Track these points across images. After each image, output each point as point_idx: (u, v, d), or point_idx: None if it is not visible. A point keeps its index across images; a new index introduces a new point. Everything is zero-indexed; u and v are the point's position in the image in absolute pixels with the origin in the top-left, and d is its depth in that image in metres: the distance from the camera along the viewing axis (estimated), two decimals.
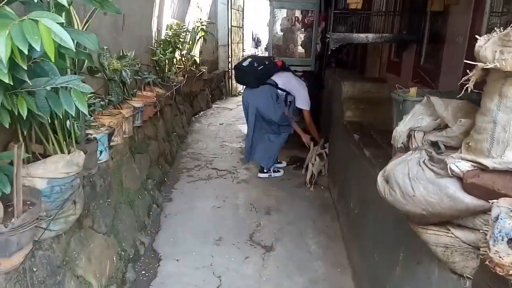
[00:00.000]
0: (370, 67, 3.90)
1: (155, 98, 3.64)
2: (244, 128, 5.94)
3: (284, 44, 4.85)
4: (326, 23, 4.62)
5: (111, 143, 2.65)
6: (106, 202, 2.33)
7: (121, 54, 3.15)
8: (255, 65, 3.69)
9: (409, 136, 1.24)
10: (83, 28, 2.01)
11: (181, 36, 5.03)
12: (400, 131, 1.22)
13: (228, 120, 6.53)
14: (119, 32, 3.31)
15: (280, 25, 4.75)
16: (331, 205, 3.21)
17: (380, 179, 1.21)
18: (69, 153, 1.61)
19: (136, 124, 3.26)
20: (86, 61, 2.19)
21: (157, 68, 4.49)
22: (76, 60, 1.93)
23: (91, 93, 2.78)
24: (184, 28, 5.36)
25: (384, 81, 2.95)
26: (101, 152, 2.33)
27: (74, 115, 1.43)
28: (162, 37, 4.82)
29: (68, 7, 1.51)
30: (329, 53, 4.64)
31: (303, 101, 3.83)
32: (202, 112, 7.06)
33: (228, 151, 4.80)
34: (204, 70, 6.62)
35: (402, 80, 2.75)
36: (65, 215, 1.59)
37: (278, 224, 2.91)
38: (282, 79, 3.73)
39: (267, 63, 3.72)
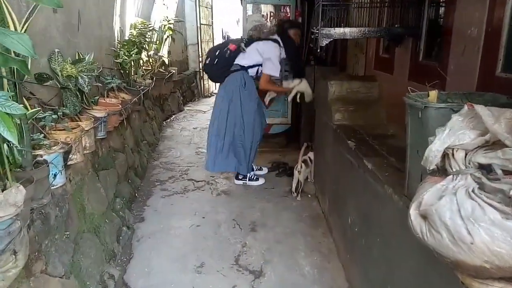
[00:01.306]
0: (352, 64, 3.67)
1: (120, 106, 3.26)
2: None
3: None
4: (302, 18, 4.36)
5: (69, 162, 2.27)
6: (63, 236, 1.95)
7: (76, 57, 2.75)
8: (209, 60, 3.45)
9: (444, 155, 0.98)
10: (22, 29, 1.63)
11: (147, 36, 4.63)
12: (435, 150, 0.95)
13: (202, 123, 6.17)
14: (74, 32, 2.91)
15: (254, 21, 4.44)
16: (321, 217, 2.95)
17: (414, 214, 0.93)
18: (3, 189, 1.24)
19: (99, 136, 2.88)
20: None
21: (121, 71, 4.08)
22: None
23: (44, 104, 2.40)
24: (150, 27, 4.96)
25: (374, 80, 2.71)
26: (55, 175, 1.95)
27: None
28: (126, 37, 4.41)
29: None
30: (307, 50, 4.41)
31: (267, 66, 3.38)
32: (173, 116, 6.66)
33: (204, 158, 4.45)
34: (174, 71, 6.24)
35: (395, 78, 2.52)
36: (2, 271, 1.23)
37: (266, 243, 2.61)
38: (247, 57, 3.39)
39: (219, 52, 3.41)
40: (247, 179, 3.63)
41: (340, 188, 2.45)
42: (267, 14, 4.45)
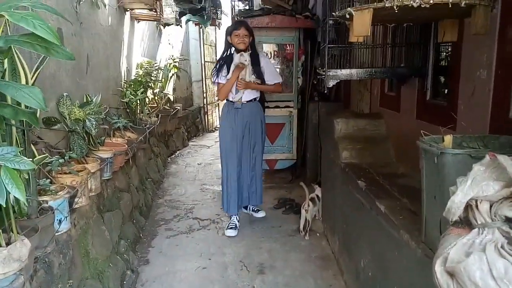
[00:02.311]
0: (356, 100, 3.69)
1: (126, 145, 3.26)
2: None
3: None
4: (306, 56, 4.44)
5: (74, 206, 2.24)
6: (67, 284, 1.88)
7: (84, 100, 2.78)
8: None
9: (467, 206, 0.94)
10: (33, 76, 1.65)
11: (152, 75, 4.71)
12: (458, 201, 0.92)
13: (206, 159, 6.16)
14: (83, 75, 2.96)
15: None
16: (331, 258, 2.86)
17: (439, 270, 0.89)
18: (8, 243, 1.20)
19: (104, 177, 2.85)
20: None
21: (128, 110, 4.12)
22: None
23: (51, 147, 2.40)
24: (156, 66, 5.06)
25: (380, 117, 2.70)
26: (60, 221, 1.91)
27: (4, 205, 1.03)
28: (132, 77, 4.49)
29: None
30: (311, 86, 4.46)
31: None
32: (178, 152, 6.67)
33: (209, 195, 4.41)
34: (179, 107, 6.30)
35: (402, 116, 2.52)
36: None
37: (275, 287, 2.52)
38: None
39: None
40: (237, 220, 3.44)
41: (351, 229, 2.38)
42: (270, 53, 4.53)
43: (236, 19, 4.40)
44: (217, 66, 3.30)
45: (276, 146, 4.54)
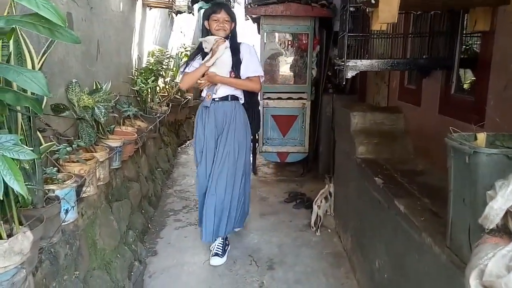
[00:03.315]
0: (372, 93, 3.56)
1: (136, 134, 3.21)
2: None
3: (276, 70, 4.50)
4: (321, 46, 4.32)
5: (82, 195, 2.19)
6: (73, 275, 1.84)
7: (94, 87, 2.73)
8: None
9: (506, 213, 0.85)
10: (40, 61, 1.58)
11: (164, 63, 4.64)
12: (497, 208, 0.83)
13: None
14: (93, 61, 2.89)
15: (271, 49, 4.41)
16: (343, 255, 2.78)
17: (474, 284, 0.80)
18: (10, 235, 1.15)
19: (113, 166, 2.81)
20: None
21: (138, 98, 4.06)
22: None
23: (59, 135, 2.35)
24: (167, 54, 4.98)
25: (399, 111, 2.59)
26: (66, 211, 1.86)
27: (1, 198, 0.96)
28: (144, 65, 4.42)
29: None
30: (325, 78, 4.34)
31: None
32: (188, 142, 6.60)
33: None
34: (190, 97, 6.23)
35: (423, 111, 2.40)
36: None
37: (285, 283, 2.45)
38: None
39: None
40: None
41: (365, 227, 2.30)
42: (284, 43, 4.42)
43: (249, 7, 4.27)
44: (190, 56, 2.76)
45: (288, 138, 4.45)
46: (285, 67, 4.52)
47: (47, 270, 1.62)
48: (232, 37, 2.64)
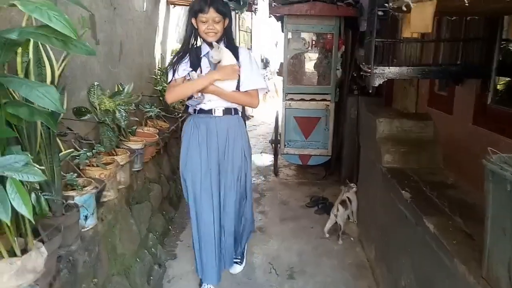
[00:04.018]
0: (400, 97, 3.40)
1: (157, 136, 3.20)
2: (259, 159, 5.46)
3: (300, 70, 4.41)
4: (346, 47, 4.19)
5: (102, 199, 2.19)
6: (91, 283, 1.84)
7: (116, 89, 2.72)
8: None
9: None
10: (60, 66, 1.57)
11: None
12: None
13: None
14: (115, 62, 2.89)
15: (294, 49, 4.31)
16: (366, 266, 2.68)
17: None
18: (25, 249, 1.13)
19: (135, 168, 2.80)
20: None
21: (161, 98, 4.05)
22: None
23: (80, 138, 2.36)
24: None
25: (428, 118, 2.46)
26: (86, 217, 1.86)
27: (9, 222, 0.93)
28: (167, 64, 4.41)
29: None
30: (350, 79, 4.21)
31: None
32: None
33: None
34: None
35: (455, 120, 2.26)
36: None
37: None
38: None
39: None
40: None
41: (391, 240, 2.19)
42: (308, 42, 4.31)
43: (273, 5, 4.19)
44: (174, 60, 2.19)
45: (310, 141, 4.36)
46: (308, 67, 4.42)
47: (65, 279, 1.61)
48: (227, 40, 2.14)
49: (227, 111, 2.20)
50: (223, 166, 2.25)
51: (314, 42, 4.28)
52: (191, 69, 2.13)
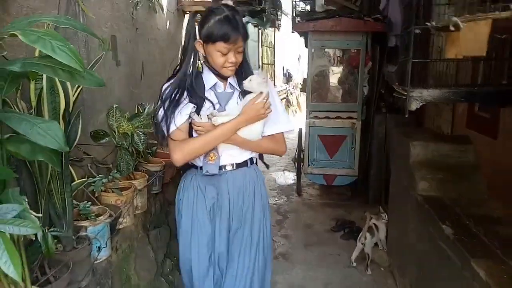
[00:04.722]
0: (432, 115, 3.21)
1: None
2: (281, 177, 5.32)
3: (324, 87, 4.26)
4: (373, 63, 4.02)
5: (118, 226, 2.09)
6: None
7: (136, 111, 2.66)
8: None
9: None
10: (74, 93, 1.49)
11: None
12: None
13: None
14: (137, 83, 2.84)
15: (319, 66, 4.18)
16: None
17: None
18: None
19: (153, 191, 2.71)
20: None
21: None
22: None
23: (97, 162, 2.28)
24: None
25: (467, 142, 2.26)
26: (99, 248, 1.75)
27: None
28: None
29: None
30: (378, 96, 4.03)
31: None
32: None
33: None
34: None
35: (501, 145, 2.06)
36: None
37: None
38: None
39: None
40: None
41: (430, 278, 1.99)
42: (334, 58, 4.17)
43: (297, 21, 4.09)
44: (170, 101, 1.48)
45: (335, 160, 4.18)
46: (333, 84, 4.27)
47: None
48: (245, 69, 1.57)
49: (242, 162, 1.59)
50: (234, 245, 1.60)
51: (339, 58, 4.14)
52: (194, 110, 1.48)
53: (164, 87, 1.53)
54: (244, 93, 1.54)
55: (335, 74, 4.22)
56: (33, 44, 0.79)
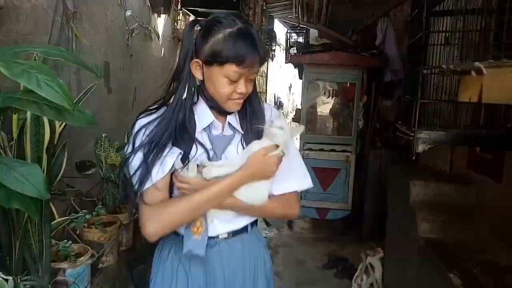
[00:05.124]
0: (430, 153, 3.16)
1: None
2: None
3: (320, 120, 4.22)
4: (369, 97, 4.02)
5: (100, 265, 1.94)
6: None
7: (125, 140, 2.54)
8: None
9: None
10: (60, 126, 1.38)
11: None
12: None
13: None
14: (128, 110, 2.74)
15: (314, 97, 4.16)
16: None
17: None
18: None
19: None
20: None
21: None
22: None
23: (82, 195, 2.15)
24: None
25: (468, 182, 2.20)
26: None
27: None
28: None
29: None
30: (373, 131, 4.00)
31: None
32: None
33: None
34: None
35: (506, 190, 2.00)
36: None
37: None
38: None
39: None
40: None
41: None
42: (329, 91, 4.16)
43: (293, 53, 4.09)
44: (154, 143, 1.02)
45: (328, 193, 4.08)
46: (328, 117, 4.23)
47: None
48: (253, 104, 1.14)
49: (240, 229, 1.15)
50: None
51: (334, 91, 4.13)
52: (179, 158, 1.04)
53: (140, 123, 1.08)
54: (247, 137, 1.11)
55: (330, 107, 4.19)
56: (17, 79, 0.69)
